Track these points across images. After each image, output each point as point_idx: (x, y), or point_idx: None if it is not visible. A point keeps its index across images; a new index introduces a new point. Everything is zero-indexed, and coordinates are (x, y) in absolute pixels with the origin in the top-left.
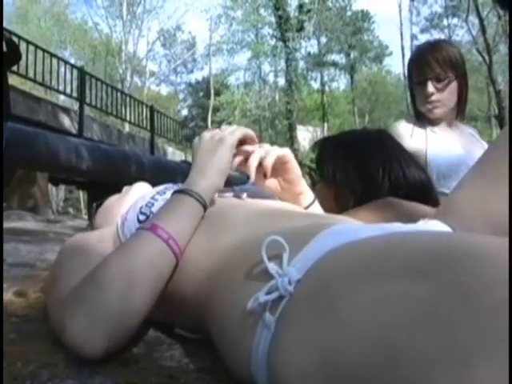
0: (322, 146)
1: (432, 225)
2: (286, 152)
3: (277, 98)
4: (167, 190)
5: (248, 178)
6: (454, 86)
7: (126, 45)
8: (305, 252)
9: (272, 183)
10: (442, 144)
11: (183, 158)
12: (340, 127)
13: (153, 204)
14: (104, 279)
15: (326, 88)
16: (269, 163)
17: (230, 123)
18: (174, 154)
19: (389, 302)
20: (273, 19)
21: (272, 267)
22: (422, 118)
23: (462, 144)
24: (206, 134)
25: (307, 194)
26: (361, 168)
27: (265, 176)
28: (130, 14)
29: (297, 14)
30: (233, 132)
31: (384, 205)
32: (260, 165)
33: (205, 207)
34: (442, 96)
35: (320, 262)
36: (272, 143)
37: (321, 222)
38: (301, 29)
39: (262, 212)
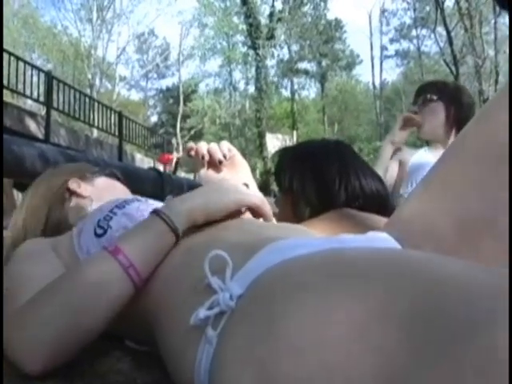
0: (281, 156)
1: (379, 237)
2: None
3: (247, 105)
4: (127, 203)
5: None
6: (434, 105)
7: (96, 49)
8: (247, 267)
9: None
10: (427, 157)
11: (152, 165)
12: (309, 135)
13: (111, 218)
14: (55, 298)
15: (296, 96)
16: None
17: (199, 130)
18: (143, 160)
19: (328, 319)
20: (245, 26)
21: (215, 282)
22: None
23: None
24: (232, 182)
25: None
26: (317, 178)
27: (220, 162)
28: (100, 19)
29: (268, 21)
30: (254, 195)
31: (339, 216)
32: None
33: (177, 236)
34: (423, 114)
35: (262, 277)
36: (242, 150)
37: (268, 236)
38: (271, 37)
39: (215, 224)
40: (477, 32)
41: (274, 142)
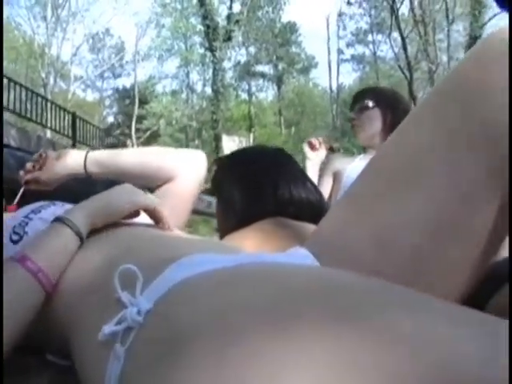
0: (217, 165)
1: (298, 254)
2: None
3: (204, 107)
4: (42, 208)
5: None
6: (371, 112)
7: (50, 48)
8: (157, 281)
9: None
10: (362, 166)
11: None
12: (266, 138)
13: (27, 223)
14: None
15: (254, 98)
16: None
17: (155, 131)
18: None
19: (230, 334)
20: (202, 28)
21: (125, 296)
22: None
23: None
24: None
25: None
26: (245, 186)
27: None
28: (54, 17)
29: (225, 23)
30: (149, 198)
31: (272, 225)
32: None
33: (81, 238)
34: (360, 121)
35: (169, 292)
36: None
37: (180, 250)
38: (228, 39)
39: (127, 234)
40: (430, 38)
41: (231, 145)
